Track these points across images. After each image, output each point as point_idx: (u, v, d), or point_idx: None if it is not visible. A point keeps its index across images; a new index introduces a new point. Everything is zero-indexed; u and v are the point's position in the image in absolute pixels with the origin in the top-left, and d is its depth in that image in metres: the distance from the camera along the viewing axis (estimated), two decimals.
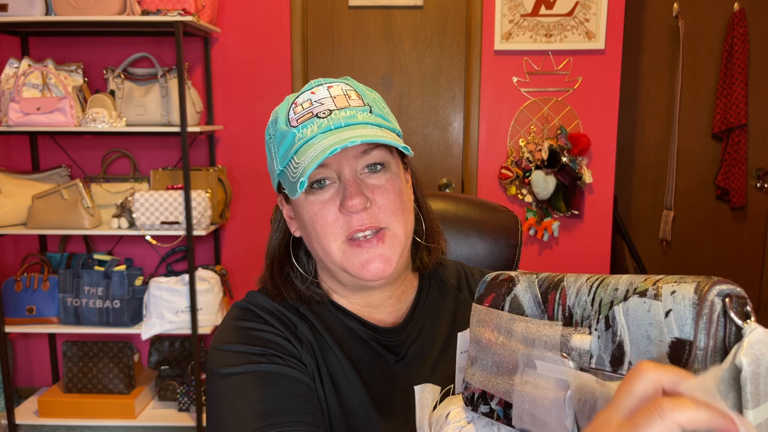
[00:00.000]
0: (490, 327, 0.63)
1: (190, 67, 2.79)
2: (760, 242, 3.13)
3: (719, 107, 3.00)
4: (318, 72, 2.85)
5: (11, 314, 2.62)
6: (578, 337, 0.52)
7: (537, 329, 0.57)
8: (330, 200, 0.74)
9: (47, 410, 2.68)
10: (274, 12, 2.76)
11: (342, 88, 0.77)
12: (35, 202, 2.52)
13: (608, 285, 0.52)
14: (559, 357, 0.52)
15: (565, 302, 0.55)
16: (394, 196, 0.76)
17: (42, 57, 2.68)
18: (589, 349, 0.50)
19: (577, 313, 0.53)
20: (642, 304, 0.47)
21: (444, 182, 2.90)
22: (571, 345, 0.52)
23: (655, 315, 0.46)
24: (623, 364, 0.48)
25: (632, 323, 0.48)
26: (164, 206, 2.49)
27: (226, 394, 0.72)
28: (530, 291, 0.60)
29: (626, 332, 0.48)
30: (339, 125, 0.72)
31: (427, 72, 2.85)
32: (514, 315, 0.60)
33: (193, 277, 2.53)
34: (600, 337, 0.50)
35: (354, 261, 0.74)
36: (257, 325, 0.79)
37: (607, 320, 0.50)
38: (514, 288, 0.62)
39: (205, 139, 2.84)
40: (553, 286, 0.58)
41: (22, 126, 2.45)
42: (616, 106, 2.78)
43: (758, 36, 3.01)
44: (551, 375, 0.52)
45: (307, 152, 0.71)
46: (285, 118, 0.76)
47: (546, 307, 0.57)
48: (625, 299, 0.49)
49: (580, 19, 2.70)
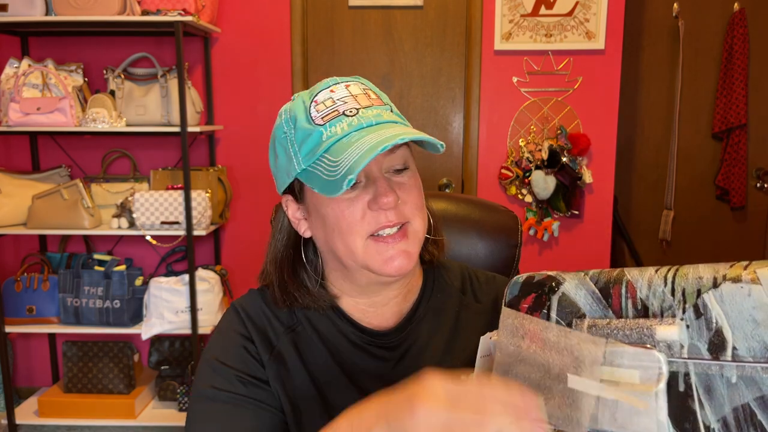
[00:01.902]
0: (531, 335, 0.60)
1: (190, 67, 2.79)
2: (760, 242, 3.13)
3: (719, 107, 3.00)
4: (318, 72, 2.85)
5: (11, 314, 2.62)
6: (664, 328, 0.50)
7: (580, 344, 0.55)
8: (357, 198, 0.74)
9: (47, 410, 2.68)
10: (274, 12, 2.76)
11: (360, 87, 0.78)
12: (35, 202, 2.52)
13: (687, 275, 0.51)
14: (643, 350, 0.50)
15: (635, 295, 0.53)
16: (417, 192, 0.79)
17: (42, 57, 2.68)
18: (678, 339, 0.49)
19: (653, 305, 0.52)
20: (739, 289, 0.47)
21: (444, 182, 2.90)
22: (657, 337, 0.50)
23: (759, 298, 0.46)
24: (725, 350, 0.47)
25: (731, 309, 0.47)
26: (164, 206, 2.49)
27: (195, 413, 0.78)
28: (584, 287, 0.58)
29: (724, 319, 0.47)
30: (370, 123, 0.73)
31: (427, 72, 2.85)
32: (564, 328, 0.57)
33: (193, 277, 2.53)
34: (690, 327, 0.49)
35: (377, 257, 0.75)
36: (237, 336, 0.82)
37: (697, 309, 0.49)
38: (560, 286, 0.59)
39: (205, 139, 2.84)
40: (614, 281, 0.56)
41: (22, 126, 2.45)
42: (616, 106, 2.78)
43: (758, 36, 3.01)
44: (632, 367, 0.51)
45: (347, 150, 0.70)
46: (306, 116, 0.75)
47: (610, 302, 0.55)
48: (715, 287, 0.48)
49: (580, 19, 2.70)
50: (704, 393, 0.47)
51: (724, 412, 0.46)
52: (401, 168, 0.77)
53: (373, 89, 0.79)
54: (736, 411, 0.45)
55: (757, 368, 0.45)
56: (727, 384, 0.46)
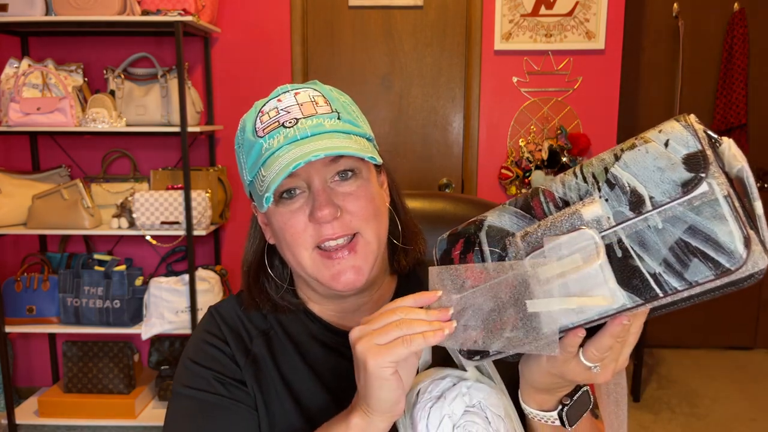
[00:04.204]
0: (473, 278, 0.62)
1: (190, 67, 2.79)
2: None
3: (719, 107, 3.00)
4: (318, 72, 2.85)
5: (11, 314, 2.62)
6: (588, 207, 0.54)
7: (519, 268, 0.58)
8: (299, 209, 0.73)
9: (47, 410, 2.68)
10: (274, 12, 2.76)
11: (309, 94, 0.75)
12: (35, 202, 2.52)
13: (591, 163, 0.56)
14: (576, 233, 0.53)
15: (554, 197, 0.58)
16: (366, 202, 0.74)
17: (42, 57, 2.68)
18: (603, 213, 0.53)
19: (572, 198, 0.56)
20: (638, 152, 0.52)
21: (444, 182, 2.90)
22: (585, 218, 0.53)
23: (656, 151, 0.51)
24: (644, 203, 0.51)
25: (636, 169, 0.52)
26: (164, 206, 2.49)
27: (173, 412, 0.79)
28: (506, 212, 0.62)
29: (634, 179, 0.52)
30: (305, 135, 0.71)
31: (427, 72, 2.86)
32: (500, 262, 0.60)
33: (193, 277, 2.54)
34: (609, 199, 0.53)
35: (325, 272, 0.74)
36: (213, 339, 0.82)
37: (609, 182, 0.53)
38: (483, 222, 0.63)
39: (205, 139, 2.84)
40: (531, 196, 0.60)
41: (22, 126, 2.45)
42: (616, 106, 2.78)
43: (758, 36, 3.01)
44: (572, 253, 0.53)
45: (273, 165, 0.70)
46: (252, 128, 0.75)
47: (533, 213, 0.59)
48: (617, 160, 0.53)
49: (580, 19, 2.70)
50: (639, 248, 0.51)
51: (662, 255, 0.50)
52: (347, 175, 0.74)
53: (325, 94, 0.76)
54: (671, 249, 0.50)
55: (675, 206, 0.50)
56: (656, 231, 0.51)
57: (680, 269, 0.49)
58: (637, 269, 0.51)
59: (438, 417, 0.65)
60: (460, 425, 0.65)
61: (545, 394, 0.67)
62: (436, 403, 0.66)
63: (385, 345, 0.61)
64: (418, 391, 0.68)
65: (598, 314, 0.54)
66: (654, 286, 0.51)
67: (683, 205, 0.49)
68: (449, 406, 0.66)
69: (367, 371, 0.62)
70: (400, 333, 0.61)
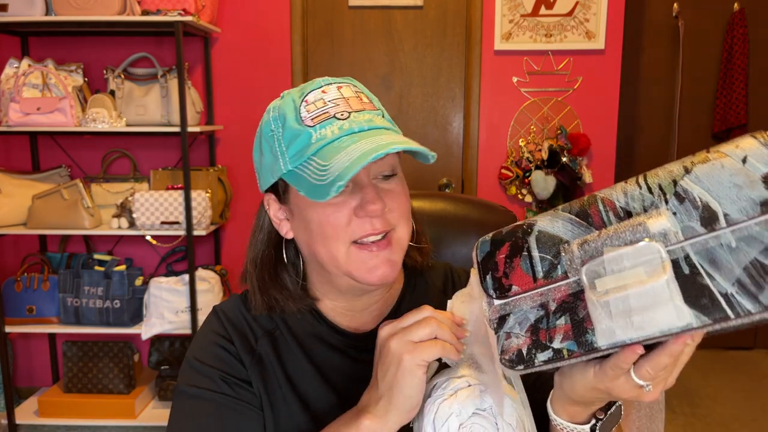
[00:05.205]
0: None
1: (190, 67, 2.79)
2: None
3: (719, 107, 3.00)
4: (318, 72, 2.85)
5: (11, 314, 2.62)
6: (654, 220, 0.51)
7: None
8: (343, 203, 0.72)
9: (47, 410, 2.68)
10: (274, 12, 2.76)
11: (352, 90, 0.76)
12: (35, 202, 2.52)
13: (657, 174, 0.53)
14: (641, 245, 0.51)
15: (614, 206, 0.55)
16: (405, 199, 0.77)
17: (42, 57, 2.68)
18: (671, 227, 0.50)
19: (635, 208, 0.53)
20: (712, 166, 0.49)
21: (444, 182, 2.90)
22: (652, 231, 0.51)
23: (732, 167, 0.48)
24: (718, 219, 0.48)
25: (710, 183, 0.49)
26: (164, 206, 2.49)
27: (178, 412, 0.79)
28: (559, 219, 0.58)
29: (707, 193, 0.49)
30: (362, 128, 0.71)
31: (427, 72, 2.86)
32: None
33: (193, 277, 2.54)
34: (677, 212, 0.50)
35: (361, 266, 0.74)
36: (219, 339, 0.81)
37: (678, 195, 0.51)
38: (533, 227, 0.60)
39: (205, 139, 2.84)
40: (588, 203, 0.57)
41: (22, 126, 2.45)
42: (616, 106, 2.78)
43: (758, 36, 3.01)
44: (635, 266, 0.51)
45: (337, 155, 0.69)
46: (295, 116, 0.73)
47: (591, 221, 0.56)
48: (687, 173, 0.50)
49: (580, 19, 2.70)
50: (710, 266, 0.48)
51: (736, 275, 0.47)
52: (389, 174, 0.76)
53: (365, 92, 0.77)
54: (746, 269, 0.47)
55: (752, 225, 0.47)
56: (728, 250, 0.48)
57: (755, 291, 0.46)
58: (706, 288, 0.49)
59: (446, 413, 0.66)
60: (467, 425, 0.65)
61: (580, 406, 0.66)
62: (446, 400, 0.66)
63: (420, 343, 0.64)
64: (434, 386, 0.69)
65: (660, 332, 0.51)
66: (725, 306, 0.48)
67: (760, 225, 0.46)
68: (459, 404, 0.66)
69: (400, 367, 0.63)
70: (431, 330, 0.64)
